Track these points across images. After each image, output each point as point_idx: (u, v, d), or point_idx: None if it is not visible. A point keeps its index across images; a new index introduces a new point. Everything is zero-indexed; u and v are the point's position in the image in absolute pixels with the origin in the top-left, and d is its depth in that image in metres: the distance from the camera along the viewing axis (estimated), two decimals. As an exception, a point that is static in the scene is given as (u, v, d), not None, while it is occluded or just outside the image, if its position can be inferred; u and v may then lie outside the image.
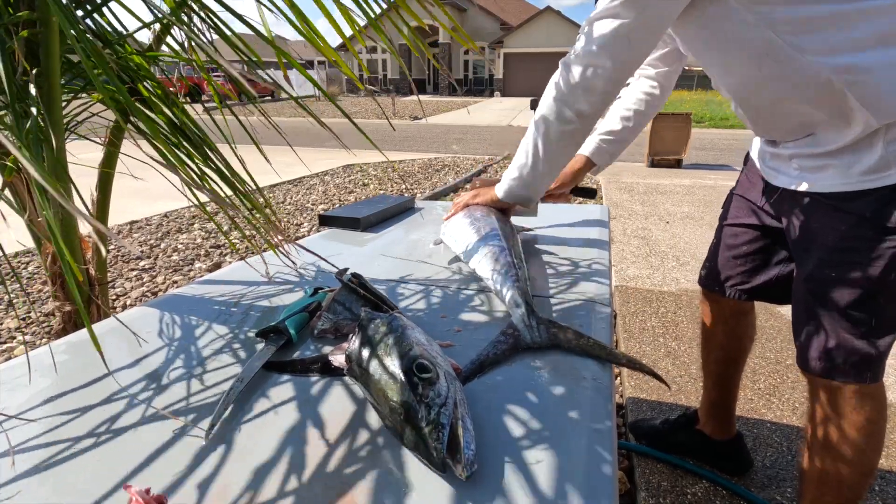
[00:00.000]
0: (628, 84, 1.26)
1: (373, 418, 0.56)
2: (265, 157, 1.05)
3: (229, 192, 1.02)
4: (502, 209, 1.14)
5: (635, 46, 0.86)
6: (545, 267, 1.04)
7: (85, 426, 0.56)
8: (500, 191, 1.11)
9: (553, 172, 1.05)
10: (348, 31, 0.97)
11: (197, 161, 1.02)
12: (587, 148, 1.27)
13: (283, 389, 0.62)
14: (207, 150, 1.02)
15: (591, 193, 1.43)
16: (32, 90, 0.79)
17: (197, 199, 1.00)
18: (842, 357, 0.89)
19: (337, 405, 0.59)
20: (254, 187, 1.03)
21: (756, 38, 0.79)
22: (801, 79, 0.80)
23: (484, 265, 0.91)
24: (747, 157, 1.16)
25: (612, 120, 1.25)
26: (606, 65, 0.86)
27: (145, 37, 1.16)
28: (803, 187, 0.90)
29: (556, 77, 0.94)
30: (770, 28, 0.77)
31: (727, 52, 0.86)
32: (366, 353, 0.59)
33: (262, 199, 1.02)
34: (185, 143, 1.03)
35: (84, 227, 1.06)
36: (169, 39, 1.10)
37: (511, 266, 0.87)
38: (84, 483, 0.48)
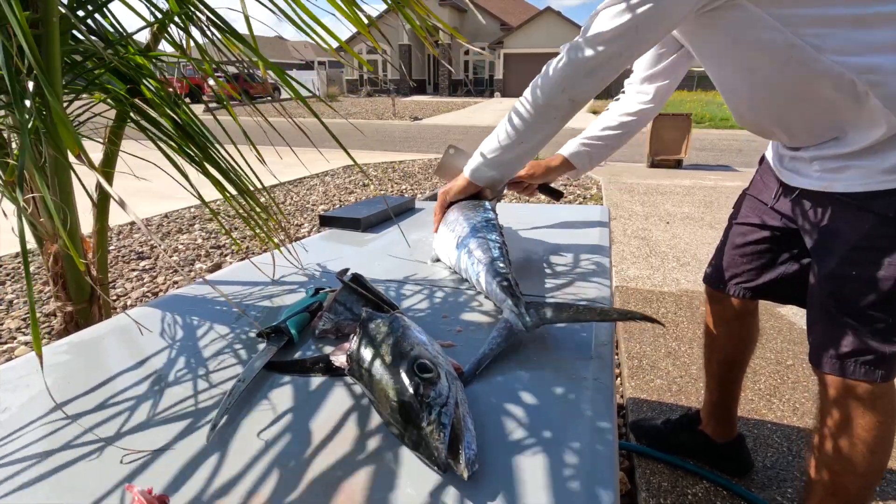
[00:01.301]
0: (622, 95, 1.25)
1: (374, 418, 0.57)
2: (260, 158, 1.05)
3: (233, 192, 1.02)
4: (475, 195, 1.11)
5: (642, 39, 0.85)
6: (545, 268, 1.04)
7: (86, 426, 0.56)
8: (468, 171, 1.08)
9: (530, 153, 1.03)
10: (348, 34, 0.97)
11: (201, 161, 1.02)
12: (567, 149, 1.24)
13: (285, 390, 0.62)
14: (211, 153, 1.02)
15: (556, 195, 1.39)
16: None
17: (201, 197, 1.00)
18: (856, 356, 0.89)
19: (338, 405, 0.59)
20: (257, 187, 1.03)
21: (778, 40, 0.79)
22: (824, 81, 0.80)
23: (469, 272, 0.91)
24: (762, 159, 1.17)
25: (598, 127, 1.23)
26: (611, 53, 0.86)
27: (143, 37, 1.16)
28: (825, 188, 0.90)
29: (557, 60, 0.93)
30: (791, 30, 0.77)
31: (749, 57, 0.86)
32: (367, 353, 0.59)
33: (264, 199, 1.02)
34: (189, 146, 1.03)
35: (85, 228, 1.06)
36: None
37: (490, 263, 0.86)
38: (86, 483, 0.48)
